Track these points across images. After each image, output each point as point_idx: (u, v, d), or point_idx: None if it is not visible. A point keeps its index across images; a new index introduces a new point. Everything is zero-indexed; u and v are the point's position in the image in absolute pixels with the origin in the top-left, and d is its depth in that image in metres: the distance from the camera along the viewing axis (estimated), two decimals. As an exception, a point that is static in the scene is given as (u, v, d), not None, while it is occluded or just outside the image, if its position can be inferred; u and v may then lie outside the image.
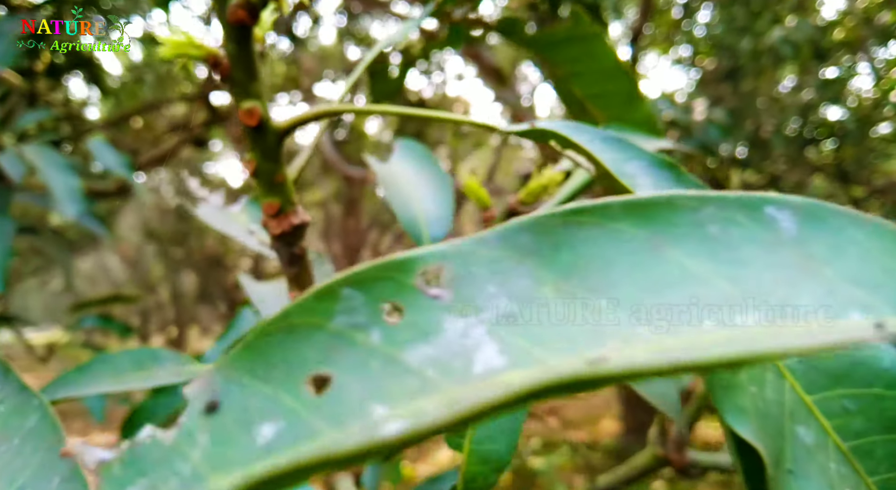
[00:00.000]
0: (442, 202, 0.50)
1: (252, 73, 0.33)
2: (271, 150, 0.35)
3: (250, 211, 0.57)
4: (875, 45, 3.86)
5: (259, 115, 0.33)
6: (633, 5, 4.96)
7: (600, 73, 0.55)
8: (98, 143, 1.32)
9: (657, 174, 0.30)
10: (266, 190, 0.36)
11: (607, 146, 0.30)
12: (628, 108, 0.55)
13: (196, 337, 10.13)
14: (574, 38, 0.53)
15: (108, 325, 1.48)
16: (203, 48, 0.33)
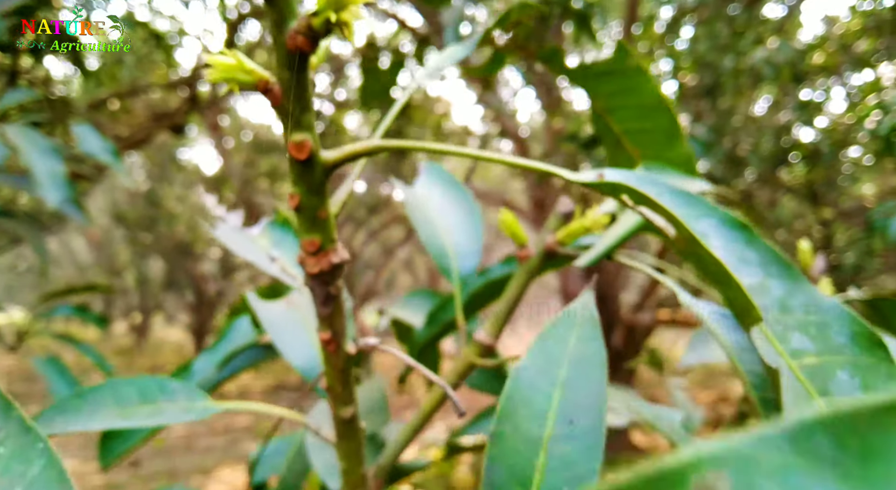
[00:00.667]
0: (471, 233, 0.49)
1: (306, 104, 0.31)
2: (318, 186, 0.33)
3: (271, 234, 0.54)
4: (850, 71, 3.96)
5: (310, 149, 0.31)
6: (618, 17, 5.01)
7: (641, 108, 0.54)
8: (83, 128, 1.28)
9: (728, 234, 0.29)
10: (308, 226, 0.34)
11: (677, 201, 0.30)
12: (667, 147, 0.54)
13: (161, 324, 9.97)
14: (615, 71, 0.52)
15: (83, 315, 1.44)
16: (254, 74, 0.31)
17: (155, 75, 3.94)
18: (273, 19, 0.29)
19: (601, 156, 3.51)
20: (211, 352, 0.76)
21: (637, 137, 0.56)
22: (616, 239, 0.47)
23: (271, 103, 0.31)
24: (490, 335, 0.47)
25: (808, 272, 0.65)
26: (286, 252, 0.51)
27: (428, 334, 0.63)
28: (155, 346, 9.24)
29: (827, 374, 0.27)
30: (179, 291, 7.83)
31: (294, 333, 0.48)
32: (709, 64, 3.87)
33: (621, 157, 0.57)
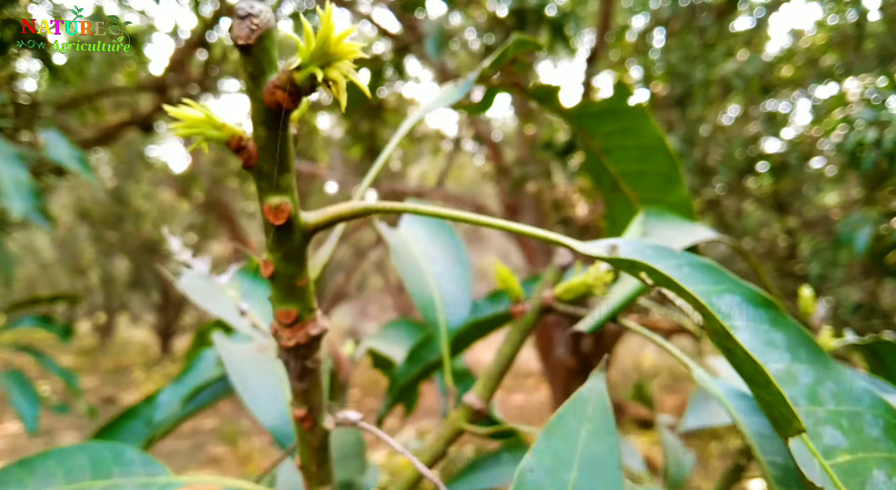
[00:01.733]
0: (460, 279, 0.46)
1: (284, 164, 0.28)
2: (296, 252, 0.30)
3: (241, 283, 0.50)
4: (815, 84, 4.04)
5: (288, 214, 0.28)
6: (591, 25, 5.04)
7: (639, 150, 0.52)
8: (50, 134, 1.22)
9: (753, 314, 0.27)
10: (283, 296, 0.31)
11: (698, 275, 0.27)
12: (666, 190, 0.52)
13: (125, 325, 9.76)
14: (614, 111, 0.50)
15: (47, 326, 1.38)
16: (225, 129, 0.28)
17: (124, 72, 3.85)
18: (249, 71, 0.26)
19: (575, 164, 3.52)
20: (177, 384, 0.72)
21: (635, 179, 0.53)
22: (622, 300, 0.45)
23: (244, 163, 0.28)
24: (481, 398, 0.45)
25: (809, 320, 0.63)
26: (257, 304, 0.48)
27: (409, 374, 0.60)
28: (120, 346, 9.05)
29: (862, 473, 0.25)
30: (145, 291, 7.68)
31: (264, 386, 0.45)
32: (680, 74, 3.92)
33: (618, 199, 0.55)
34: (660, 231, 0.47)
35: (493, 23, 3.16)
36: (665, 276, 0.26)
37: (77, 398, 1.42)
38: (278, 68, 0.27)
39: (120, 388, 6.68)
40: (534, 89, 0.51)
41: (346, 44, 0.26)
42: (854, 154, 2.80)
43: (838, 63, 3.97)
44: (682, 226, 0.48)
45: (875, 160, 2.72)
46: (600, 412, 0.31)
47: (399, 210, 0.31)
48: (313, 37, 0.25)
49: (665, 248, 0.28)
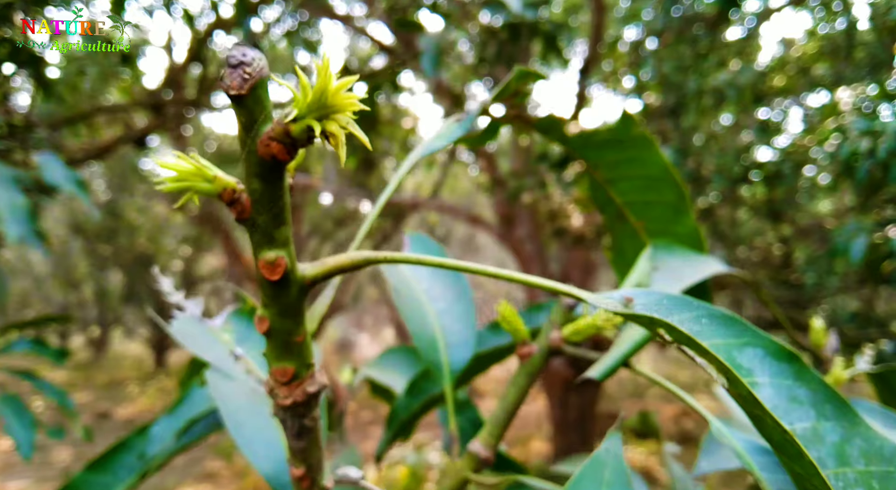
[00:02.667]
0: (463, 317, 0.44)
1: (280, 218, 0.27)
2: (292, 307, 0.28)
3: (235, 326, 0.48)
4: (807, 93, 4.07)
5: (284, 268, 0.27)
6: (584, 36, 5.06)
7: (646, 180, 0.50)
8: (46, 157, 1.21)
9: (776, 369, 0.26)
10: (279, 352, 0.29)
11: (717, 327, 0.26)
12: (673, 221, 0.51)
13: (119, 338, 9.70)
14: (619, 141, 0.49)
15: (41, 350, 1.36)
16: (218, 181, 0.27)
17: (118, 87, 3.84)
18: (242, 122, 0.25)
19: (570, 176, 3.52)
20: (170, 417, 0.70)
21: (641, 210, 0.52)
22: (633, 344, 0.43)
23: (237, 216, 0.27)
24: (488, 446, 0.43)
25: (821, 352, 0.62)
26: (253, 348, 0.46)
27: (410, 409, 0.59)
28: (114, 360, 8.99)
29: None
30: (139, 305, 7.64)
31: (260, 432, 0.43)
32: (673, 84, 3.94)
33: (623, 229, 0.54)
34: (669, 265, 0.45)
35: (487, 35, 3.16)
36: (685, 335, 0.25)
37: (73, 421, 1.40)
38: (273, 118, 0.26)
39: (114, 402, 6.63)
40: (537, 121, 0.50)
41: (344, 95, 0.24)
42: (848, 163, 2.80)
43: (829, 72, 4.00)
44: (691, 259, 0.47)
45: (869, 170, 2.72)
46: (618, 477, 0.29)
47: (401, 260, 0.29)
48: (310, 87, 0.24)
49: (682, 298, 0.27)
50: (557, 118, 0.50)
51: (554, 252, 5.45)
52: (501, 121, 0.50)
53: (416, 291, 0.47)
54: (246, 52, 0.24)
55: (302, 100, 0.25)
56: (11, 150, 1.65)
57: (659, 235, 0.52)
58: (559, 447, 4.89)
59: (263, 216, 0.27)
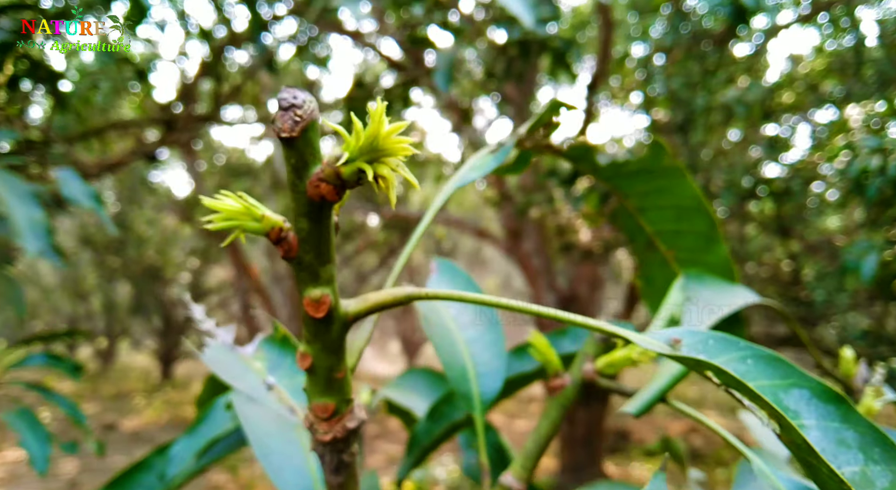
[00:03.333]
0: (492, 346, 0.44)
1: (325, 256, 0.27)
2: (335, 343, 0.29)
3: (267, 355, 0.48)
4: (816, 109, 4.07)
5: (329, 306, 0.27)
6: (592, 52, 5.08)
7: (676, 210, 0.50)
8: (64, 173, 1.21)
9: (822, 411, 0.26)
10: (321, 389, 0.29)
11: (763, 367, 0.26)
12: (704, 250, 0.51)
13: (126, 350, 9.71)
14: (649, 170, 0.49)
15: (57, 364, 1.36)
16: (265, 220, 0.27)
17: (130, 101, 3.87)
18: (292, 163, 0.25)
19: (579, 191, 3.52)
20: (190, 436, 0.70)
21: (671, 239, 0.52)
22: (671, 379, 0.43)
23: (284, 254, 0.27)
24: (521, 480, 0.43)
25: (851, 382, 0.62)
26: (285, 377, 0.46)
27: (432, 433, 0.58)
28: (121, 371, 9.00)
29: None
30: (147, 316, 7.65)
31: (289, 459, 0.43)
32: (682, 100, 3.94)
33: (653, 258, 0.54)
34: (702, 296, 0.45)
35: (496, 51, 3.17)
36: (734, 379, 0.25)
37: (86, 436, 1.40)
38: (322, 160, 0.26)
39: (120, 414, 6.62)
40: (568, 150, 0.50)
41: (396, 139, 0.25)
42: (858, 181, 2.80)
43: (838, 88, 4.00)
44: (723, 289, 0.47)
45: (880, 187, 2.71)
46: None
47: (443, 297, 0.29)
48: (362, 131, 0.24)
49: (726, 338, 0.27)
50: (589, 146, 0.50)
51: (560, 267, 5.44)
52: (533, 150, 0.50)
53: (445, 319, 0.47)
54: (297, 95, 0.25)
55: (354, 143, 0.25)
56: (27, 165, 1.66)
57: (690, 265, 0.52)
58: (566, 463, 4.86)
59: (310, 254, 0.27)
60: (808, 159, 3.98)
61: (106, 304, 7.76)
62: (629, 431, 6.01)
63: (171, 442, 0.75)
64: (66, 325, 7.95)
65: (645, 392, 0.44)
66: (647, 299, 0.58)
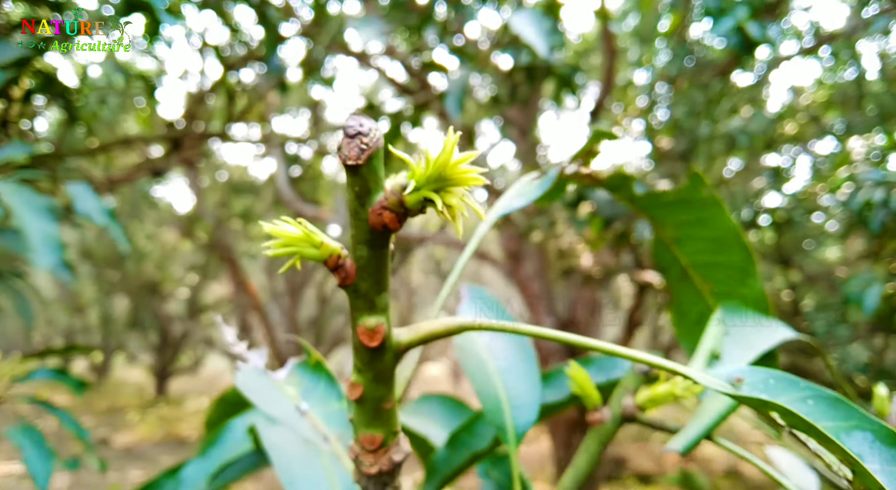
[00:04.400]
0: (526, 376, 0.44)
1: (382, 284, 0.27)
2: (386, 373, 0.28)
3: (300, 380, 0.47)
4: (818, 141, 4.11)
5: (383, 336, 0.27)
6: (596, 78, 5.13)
7: (712, 241, 0.50)
8: (78, 188, 1.21)
9: (886, 454, 0.25)
10: (369, 419, 0.29)
11: (825, 408, 0.26)
12: (740, 283, 0.51)
13: (122, 365, 9.64)
14: (687, 201, 0.49)
15: (61, 379, 1.35)
16: (324, 248, 0.27)
17: (137, 117, 3.89)
18: (355, 191, 0.25)
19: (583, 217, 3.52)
20: (202, 459, 0.69)
21: (707, 271, 0.52)
22: (718, 416, 0.42)
23: (340, 282, 0.27)
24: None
25: (885, 420, 0.61)
26: (318, 404, 0.45)
27: (452, 464, 0.57)
28: (115, 386, 8.93)
29: None
30: (143, 331, 7.61)
31: (314, 484, 0.42)
32: (685, 129, 3.97)
33: (686, 289, 0.53)
34: (740, 330, 0.45)
35: (501, 76, 3.20)
36: (805, 421, 0.25)
37: (88, 453, 1.38)
38: (384, 187, 0.26)
39: (114, 429, 6.56)
40: (607, 180, 0.50)
41: (464, 169, 0.24)
42: (861, 213, 2.80)
43: (839, 121, 4.04)
44: (761, 324, 0.46)
45: (883, 220, 2.72)
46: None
47: (497, 329, 0.29)
48: (432, 159, 0.24)
49: (786, 377, 0.27)
50: (627, 176, 0.50)
51: (560, 291, 5.44)
52: (571, 179, 0.50)
53: (478, 347, 0.47)
54: (363, 123, 0.24)
55: (420, 172, 0.25)
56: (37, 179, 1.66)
57: (725, 298, 0.51)
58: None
59: (367, 282, 0.27)
60: (810, 190, 4.00)
61: (103, 317, 7.72)
62: (625, 459, 5.97)
63: (181, 464, 0.73)
64: (62, 338, 7.91)
65: (690, 429, 0.43)
66: (680, 331, 0.57)
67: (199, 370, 9.09)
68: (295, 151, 5.66)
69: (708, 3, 3.17)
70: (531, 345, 0.47)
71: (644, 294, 4.63)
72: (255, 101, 3.77)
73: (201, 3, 2.41)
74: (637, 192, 0.51)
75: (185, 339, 7.59)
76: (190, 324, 7.40)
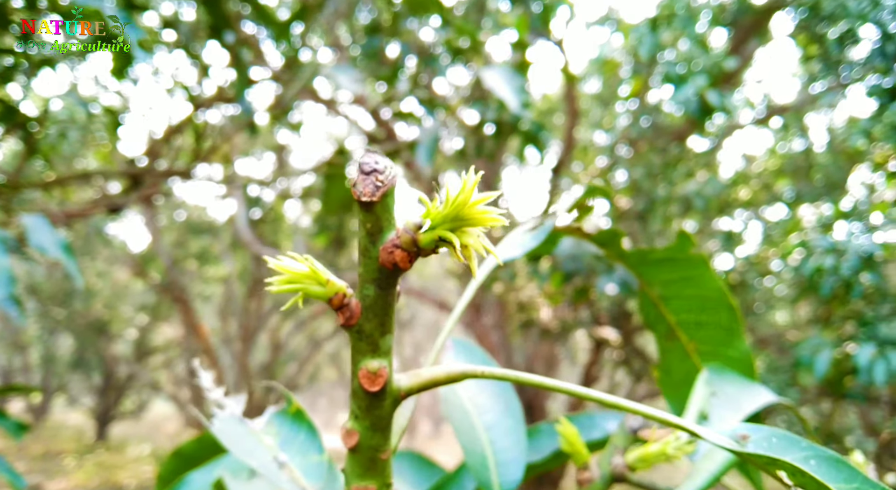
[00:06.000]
0: (512, 433, 0.42)
1: (387, 326, 0.26)
2: (384, 421, 0.27)
3: (279, 429, 0.45)
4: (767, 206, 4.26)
5: (385, 380, 0.25)
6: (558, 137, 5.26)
7: (700, 300, 0.51)
8: (34, 220, 1.17)
9: (887, 517, 0.25)
10: (363, 470, 0.28)
11: (827, 469, 0.26)
12: (726, 344, 0.51)
13: (61, 407, 9.23)
14: (674, 259, 0.49)
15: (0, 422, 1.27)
16: (330, 286, 0.26)
17: (97, 152, 3.83)
18: (367, 228, 0.25)
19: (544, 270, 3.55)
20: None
21: (693, 330, 0.52)
22: (711, 477, 0.42)
23: (344, 322, 0.26)
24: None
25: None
26: (297, 455, 0.43)
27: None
28: (53, 429, 8.51)
29: None
30: (87, 372, 7.31)
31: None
32: (642, 190, 4.07)
33: (674, 348, 0.53)
34: (726, 391, 0.45)
35: (468, 130, 3.26)
36: (816, 480, 0.24)
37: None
38: (396, 226, 0.25)
39: (47, 476, 6.23)
40: (597, 234, 0.50)
41: (482, 210, 0.24)
42: (812, 279, 2.88)
43: (790, 189, 4.19)
44: (746, 386, 0.47)
45: (832, 286, 2.80)
46: None
47: (497, 377, 0.28)
48: (450, 199, 0.24)
49: (789, 436, 0.27)
50: (618, 232, 0.50)
51: (518, 344, 5.43)
52: (564, 231, 0.50)
53: (464, 401, 0.45)
54: (378, 160, 0.24)
55: (436, 211, 0.24)
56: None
57: (711, 358, 0.51)
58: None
59: (371, 323, 0.26)
60: (762, 254, 4.11)
61: (45, 356, 7.41)
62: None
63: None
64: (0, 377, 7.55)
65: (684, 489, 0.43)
66: (666, 390, 0.57)
67: (143, 415, 8.74)
68: (257, 194, 5.62)
69: (669, 71, 3.30)
70: (517, 400, 0.46)
71: (601, 350, 4.65)
72: (221, 142, 3.75)
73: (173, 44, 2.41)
74: (626, 248, 0.51)
75: (130, 382, 7.31)
76: (136, 366, 7.15)
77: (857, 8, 2.99)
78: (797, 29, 3.53)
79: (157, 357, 7.82)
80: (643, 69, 3.78)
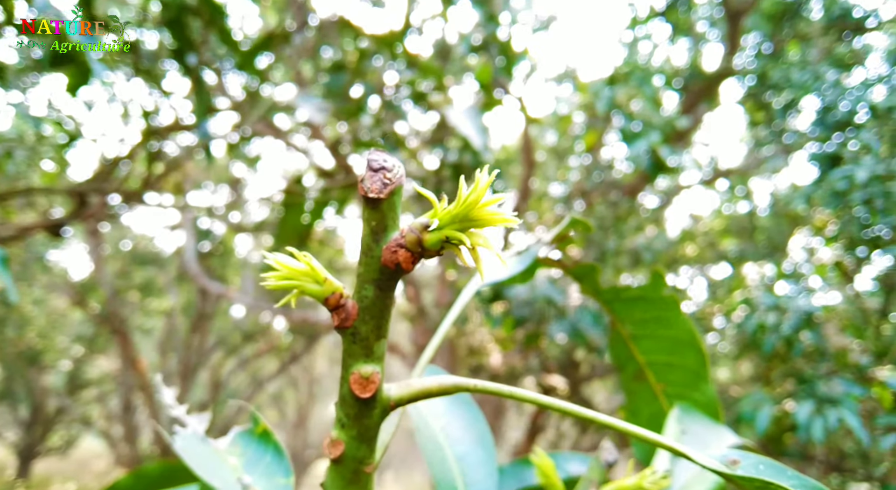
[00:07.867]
0: (485, 463, 0.41)
1: (383, 330, 0.25)
2: (371, 431, 0.26)
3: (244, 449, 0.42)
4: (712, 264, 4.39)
5: (377, 386, 0.24)
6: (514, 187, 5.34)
7: (670, 341, 0.51)
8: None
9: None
10: (344, 484, 0.26)
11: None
12: (693, 387, 0.51)
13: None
14: (647, 299, 0.50)
15: None
16: (328, 285, 0.25)
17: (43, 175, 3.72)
18: (371, 226, 0.24)
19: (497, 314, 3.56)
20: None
21: (662, 371, 0.52)
22: None
23: (339, 323, 0.25)
24: None
25: None
26: (262, 477, 0.41)
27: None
28: (-34, 465, 8.01)
29: None
30: (13, 404, 6.94)
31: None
32: (594, 241, 4.14)
33: (642, 389, 0.53)
34: (695, 430, 0.45)
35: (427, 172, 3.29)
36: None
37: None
38: (400, 226, 0.24)
39: (-43, 515, 5.83)
40: (574, 268, 0.50)
41: (493, 211, 0.24)
42: (755, 335, 2.95)
43: (734, 248, 4.32)
44: (713, 428, 0.47)
45: (774, 343, 2.87)
46: None
47: (492, 392, 0.27)
48: (462, 197, 0.23)
49: (774, 465, 0.27)
50: (595, 267, 0.51)
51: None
52: (543, 262, 0.50)
53: (435, 431, 0.44)
54: (387, 158, 0.23)
55: (445, 211, 0.24)
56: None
57: (678, 400, 0.52)
58: None
59: (367, 326, 0.25)
60: (707, 310, 4.21)
61: (-34, 387, 7.02)
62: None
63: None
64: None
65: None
66: (631, 432, 0.56)
67: (71, 452, 8.30)
68: (208, 226, 5.52)
69: (624, 128, 3.40)
70: (489, 431, 0.45)
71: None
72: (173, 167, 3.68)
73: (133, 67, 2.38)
74: (602, 284, 0.51)
75: (59, 416, 6.97)
76: (67, 400, 6.83)
77: (800, 79, 3.15)
78: (745, 96, 3.70)
79: (91, 391, 7.49)
80: (598, 124, 3.89)
